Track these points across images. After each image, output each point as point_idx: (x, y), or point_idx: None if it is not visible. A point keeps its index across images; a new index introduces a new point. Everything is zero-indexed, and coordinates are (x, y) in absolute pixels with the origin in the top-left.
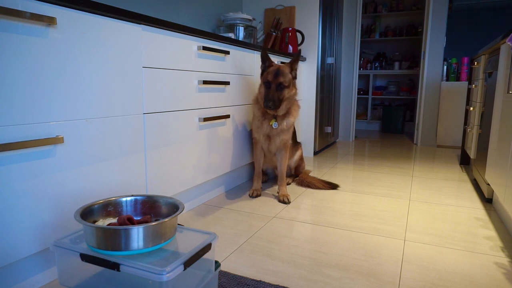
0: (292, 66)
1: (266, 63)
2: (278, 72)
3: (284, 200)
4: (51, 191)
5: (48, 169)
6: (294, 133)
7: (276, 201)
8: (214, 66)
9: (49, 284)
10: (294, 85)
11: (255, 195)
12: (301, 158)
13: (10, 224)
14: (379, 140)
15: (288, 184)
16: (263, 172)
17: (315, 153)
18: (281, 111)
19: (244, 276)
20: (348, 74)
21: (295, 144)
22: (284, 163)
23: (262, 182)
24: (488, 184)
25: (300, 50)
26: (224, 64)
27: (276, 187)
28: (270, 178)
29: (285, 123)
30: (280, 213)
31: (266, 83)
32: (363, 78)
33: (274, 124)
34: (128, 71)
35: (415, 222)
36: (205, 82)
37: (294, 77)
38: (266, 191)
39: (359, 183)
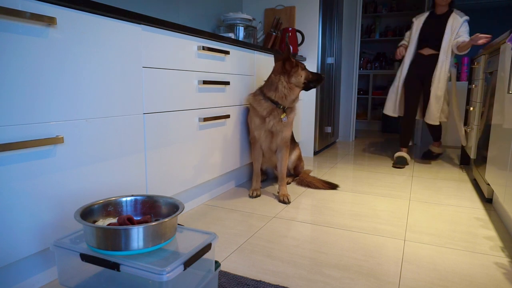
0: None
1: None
2: None
3: (284, 200)
4: (51, 191)
5: (48, 169)
6: (292, 132)
7: (276, 201)
8: (214, 66)
9: (49, 284)
10: None
11: (254, 195)
12: (299, 158)
13: (10, 224)
14: (379, 140)
15: (288, 183)
16: (262, 171)
17: (315, 153)
18: (296, 101)
19: (244, 276)
20: (348, 74)
21: (293, 143)
22: (284, 163)
23: (261, 181)
24: (488, 184)
25: (287, 47)
26: (224, 64)
27: (276, 186)
28: (269, 177)
29: (291, 116)
30: (280, 213)
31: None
32: (363, 78)
33: (284, 118)
34: (128, 71)
35: (415, 222)
36: (205, 82)
37: None
38: (266, 191)
39: (359, 183)
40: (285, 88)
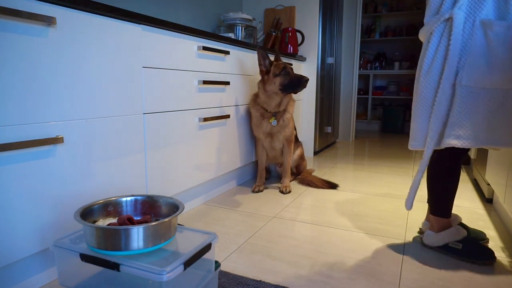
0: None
1: (266, 60)
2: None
3: (283, 191)
4: (51, 191)
5: (48, 169)
6: (294, 129)
7: (276, 202)
8: (214, 66)
9: (49, 284)
10: None
11: (257, 190)
12: (301, 157)
13: (10, 224)
14: (379, 140)
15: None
16: (266, 169)
17: (315, 153)
18: (282, 106)
19: (244, 276)
20: (348, 74)
21: (296, 143)
22: (288, 157)
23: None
24: (488, 184)
25: (276, 49)
26: (224, 64)
27: (276, 188)
28: (272, 175)
29: (282, 120)
30: (280, 213)
31: (283, 70)
32: (363, 78)
33: (273, 122)
34: (128, 71)
35: (415, 222)
36: (205, 82)
37: None
38: (267, 190)
39: (359, 183)
40: (263, 95)
